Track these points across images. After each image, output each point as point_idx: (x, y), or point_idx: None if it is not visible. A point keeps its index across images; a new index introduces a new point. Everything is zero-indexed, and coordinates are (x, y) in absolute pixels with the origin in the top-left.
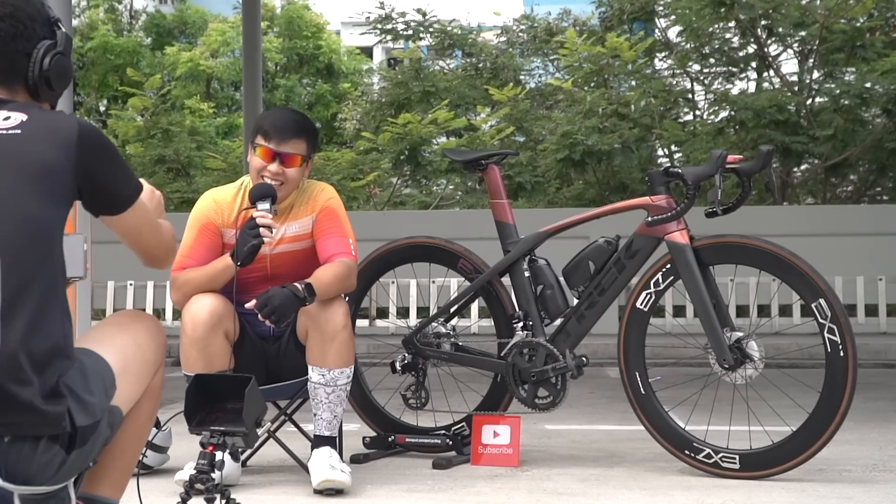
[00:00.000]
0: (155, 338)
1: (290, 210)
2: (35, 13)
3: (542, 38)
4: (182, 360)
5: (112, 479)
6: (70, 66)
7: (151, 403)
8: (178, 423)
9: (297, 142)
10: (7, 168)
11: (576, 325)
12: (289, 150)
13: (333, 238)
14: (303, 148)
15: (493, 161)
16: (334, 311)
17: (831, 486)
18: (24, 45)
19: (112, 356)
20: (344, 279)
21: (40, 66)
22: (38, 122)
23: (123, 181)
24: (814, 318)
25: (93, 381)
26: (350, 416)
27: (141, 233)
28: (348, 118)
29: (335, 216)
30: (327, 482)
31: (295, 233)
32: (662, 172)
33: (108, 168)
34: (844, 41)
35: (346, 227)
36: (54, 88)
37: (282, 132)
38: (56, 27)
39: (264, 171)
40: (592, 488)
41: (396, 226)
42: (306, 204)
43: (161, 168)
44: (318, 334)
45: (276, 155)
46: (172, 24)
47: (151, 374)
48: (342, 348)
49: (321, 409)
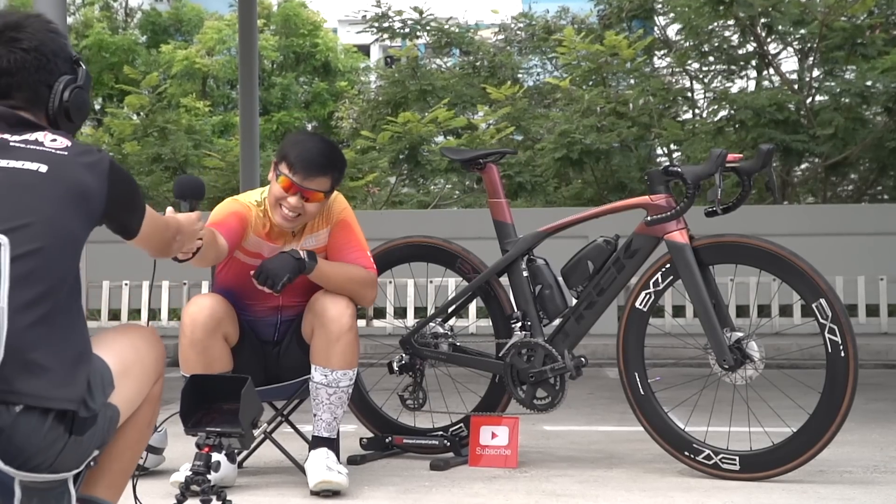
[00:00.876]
0: (154, 348)
1: (306, 225)
2: (58, 49)
3: (540, 36)
4: (181, 361)
5: (109, 482)
6: (88, 100)
7: (151, 410)
8: (174, 424)
9: (323, 179)
10: (59, 183)
11: (574, 326)
12: (313, 186)
13: (354, 253)
14: (327, 185)
15: (492, 160)
16: (342, 311)
17: (832, 487)
18: (46, 77)
19: (111, 358)
20: (361, 284)
21: (60, 97)
22: (79, 149)
23: (138, 214)
24: (814, 319)
25: (91, 379)
26: (347, 416)
27: (148, 247)
28: (345, 117)
29: (350, 229)
30: (324, 483)
31: (312, 245)
32: (662, 171)
33: (130, 201)
34: (844, 39)
35: (362, 241)
36: (73, 120)
37: (308, 168)
38: (77, 65)
39: (283, 202)
40: (591, 490)
41: (394, 225)
42: (322, 216)
43: (158, 167)
44: (324, 334)
45: (299, 189)
46: (168, 21)
47: (151, 382)
48: (347, 350)
49: (321, 410)
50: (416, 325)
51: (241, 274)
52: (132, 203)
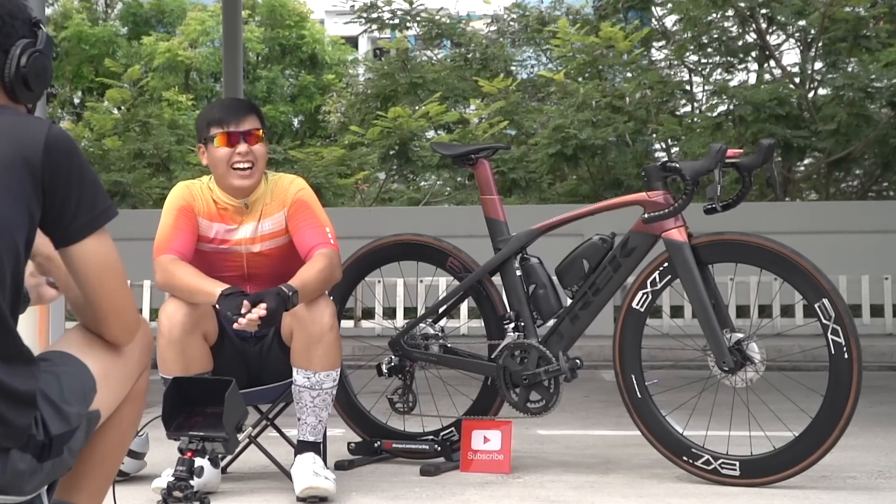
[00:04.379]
0: (140, 339)
1: (261, 208)
2: (15, 10)
3: (533, 28)
4: (159, 362)
5: (91, 488)
6: (49, 66)
7: (134, 409)
8: (156, 427)
9: (252, 118)
10: None
11: (569, 326)
12: (248, 126)
13: (309, 230)
14: (258, 123)
15: (484, 155)
16: (321, 311)
17: (835, 493)
18: (1, 41)
19: (92, 360)
20: (328, 272)
21: (17, 63)
22: (4, 123)
23: (88, 201)
24: (817, 319)
25: (70, 389)
26: (335, 420)
27: (96, 278)
28: (332, 111)
29: (307, 207)
30: (310, 489)
31: (269, 230)
32: (660, 167)
33: (73, 180)
34: (847, 30)
35: (321, 217)
36: (32, 89)
37: (235, 112)
38: (37, 27)
39: (234, 158)
40: (587, 496)
41: (383, 222)
42: (276, 199)
43: (140, 163)
44: (304, 335)
45: (240, 135)
46: (150, 12)
47: (134, 378)
48: (329, 350)
49: (305, 414)
50: (406, 326)
51: (203, 264)
52: (78, 187)
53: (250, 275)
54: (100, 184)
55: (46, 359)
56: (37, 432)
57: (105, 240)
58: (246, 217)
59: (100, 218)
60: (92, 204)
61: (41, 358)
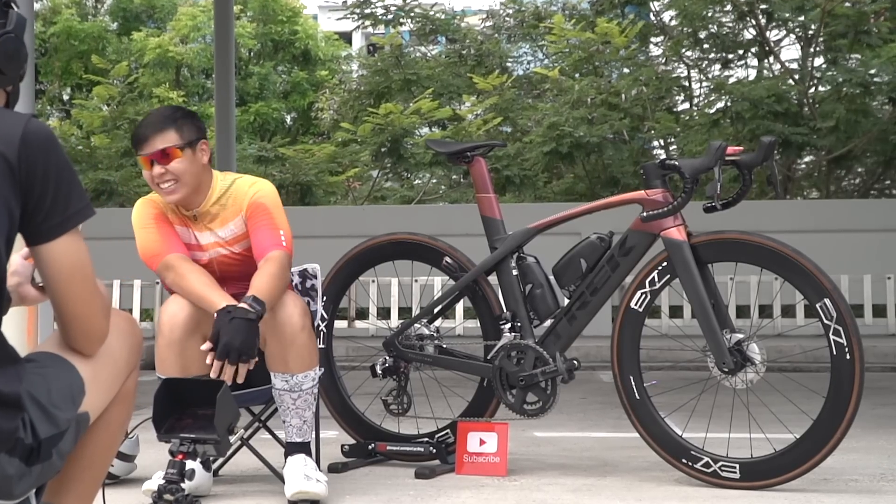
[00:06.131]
0: (129, 339)
1: (218, 215)
2: None
3: (529, 23)
4: (157, 362)
5: (80, 491)
6: (22, 47)
7: (123, 410)
8: (147, 429)
9: (163, 135)
10: None
11: (567, 327)
12: (158, 146)
13: (261, 232)
14: (174, 138)
15: (479, 153)
16: (289, 312)
17: (837, 496)
18: None
19: (80, 361)
20: (281, 277)
21: None
22: None
23: (62, 199)
24: (818, 319)
25: (58, 391)
26: (328, 422)
27: (64, 281)
28: (325, 108)
29: (264, 209)
30: (301, 494)
31: (232, 234)
32: (658, 165)
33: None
34: (848, 26)
35: (275, 219)
36: (4, 72)
37: (142, 136)
38: (8, 7)
39: (155, 181)
40: (584, 499)
41: (377, 221)
42: (235, 204)
43: (129, 161)
44: (276, 339)
45: (150, 157)
46: (140, 7)
47: (123, 379)
48: (303, 351)
49: (289, 416)
50: (401, 327)
51: None
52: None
53: (222, 276)
54: (78, 182)
55: (33, 360)
56: (25, 435)
57: (77, 241)
58: (203, 224)
59: (74, 218)
60: (66, 202)
61: (28, 359)
